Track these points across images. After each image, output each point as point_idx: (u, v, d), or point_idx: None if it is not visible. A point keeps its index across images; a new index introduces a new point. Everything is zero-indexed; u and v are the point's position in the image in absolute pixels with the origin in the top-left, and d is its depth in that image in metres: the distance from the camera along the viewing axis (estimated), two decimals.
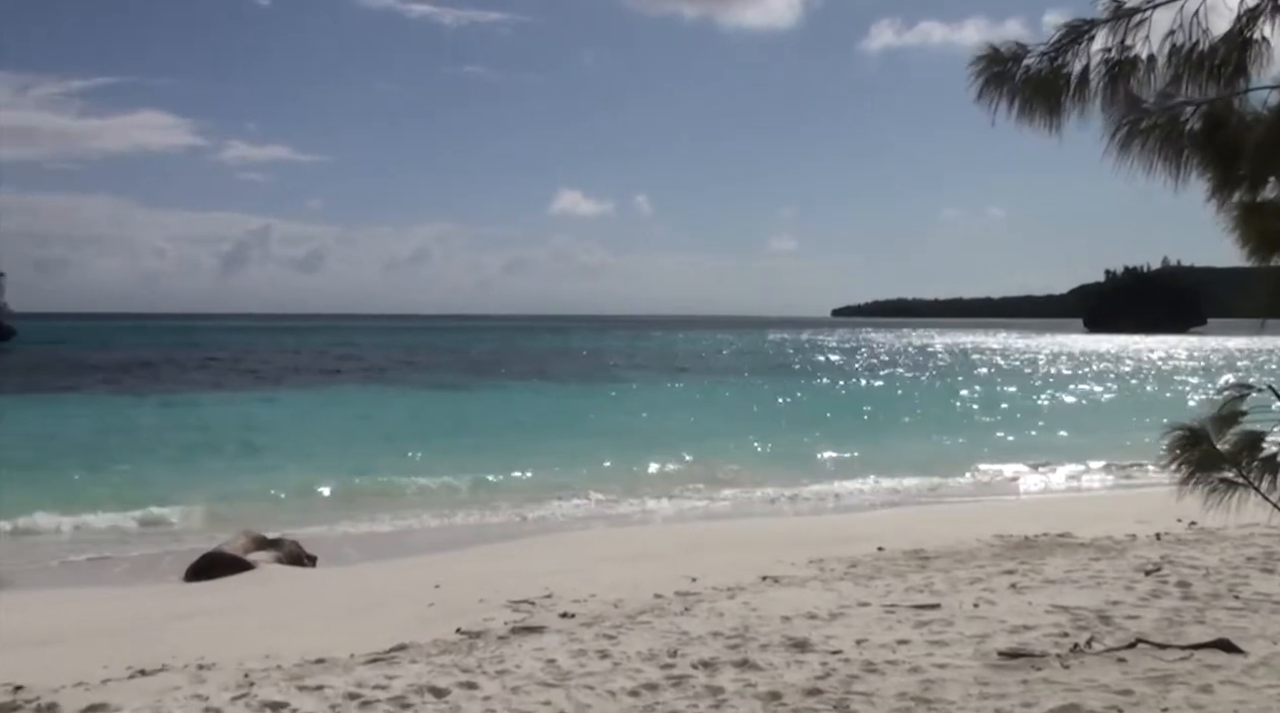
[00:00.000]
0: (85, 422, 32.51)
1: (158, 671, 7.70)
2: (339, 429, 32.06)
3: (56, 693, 7.09)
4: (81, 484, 20.25)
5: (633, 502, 19.76)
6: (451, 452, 25.52)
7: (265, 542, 13.60)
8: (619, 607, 9.42)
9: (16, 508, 17.03)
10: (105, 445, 26.69)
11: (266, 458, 24.79)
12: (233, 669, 7.64)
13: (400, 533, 16.94)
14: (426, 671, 7.21)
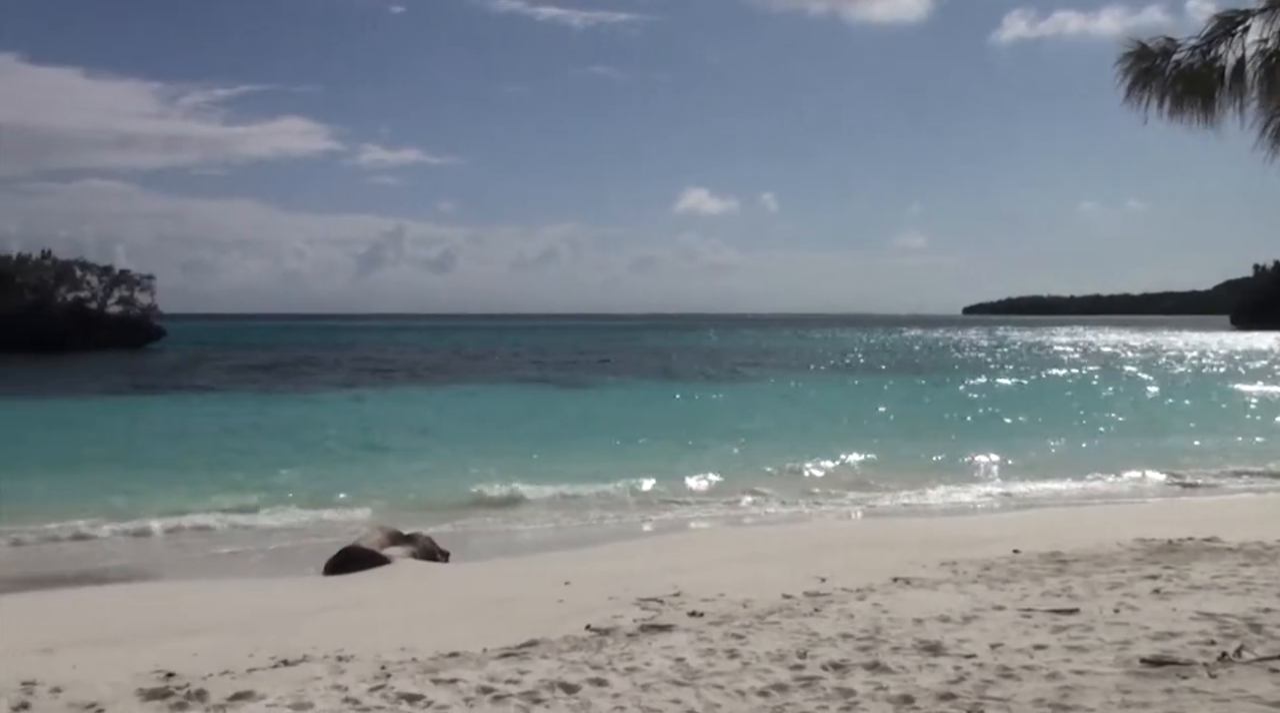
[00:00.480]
0: (226, 419, 33.72)
1: (299, 661, 7.93)
2: (470, 426, 32.66)
3: (205, 681, 7.35)
4: (222, 480, 20.99)
5: (760, 501, 19.69)
6: (579, 450, 25.77)
7: (400, 537, 13.91)
8: (747, 607, 9.39)
9: (163, 503, 17.76)
10: (244, 443, 27.65)
11: (399, 455, 25.38)
12: (370, 661, 7.82)
13: (530, 530, 17.19)
14: (557, 667, 7.29)
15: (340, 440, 28.36)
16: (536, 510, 18.48)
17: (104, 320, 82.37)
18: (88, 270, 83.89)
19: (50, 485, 19.81)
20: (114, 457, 24.60)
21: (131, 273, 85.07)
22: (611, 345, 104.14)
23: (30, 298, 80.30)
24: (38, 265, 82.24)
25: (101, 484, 19.94)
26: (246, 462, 23.88)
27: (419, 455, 25.00)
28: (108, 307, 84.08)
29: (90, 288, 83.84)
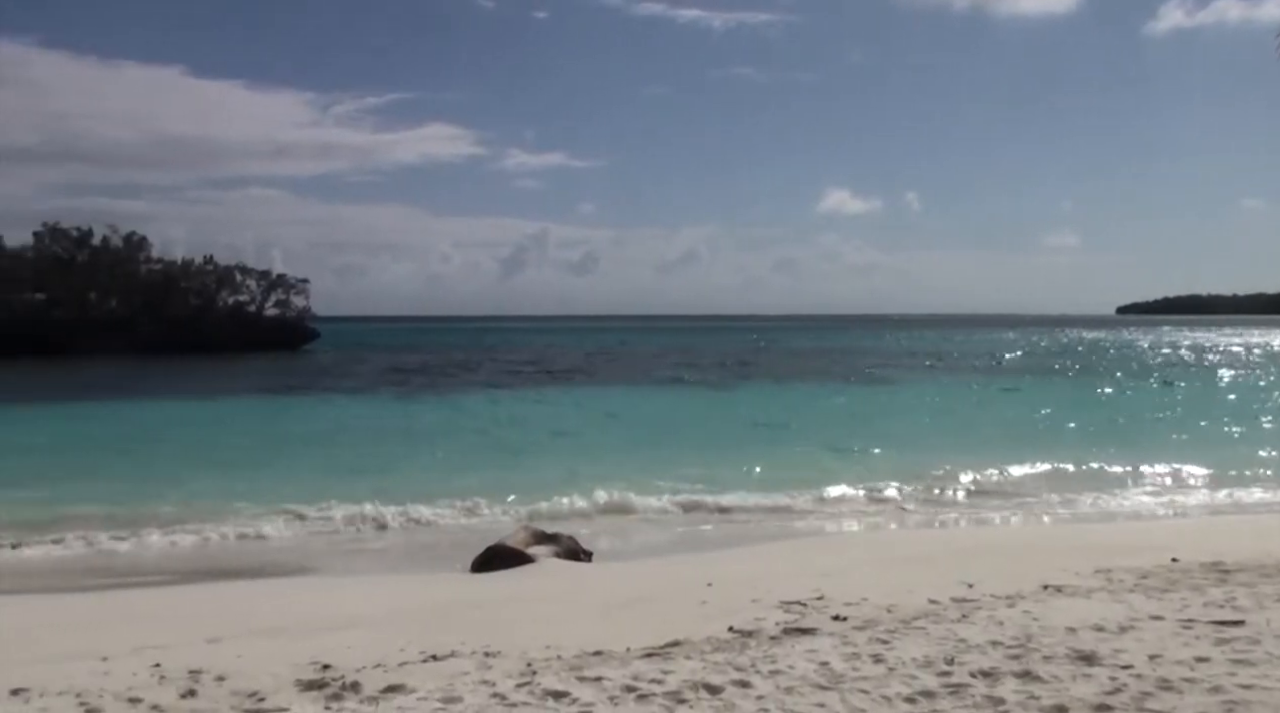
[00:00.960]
0: (375, 420, 34.71)
1: (448, 656, 8.10)
2: (611, 428, 32.94)
3: (359, 673, 7.58)
4: (370, 478, 21.58)
5: (903, 504, 19.39)
6: (718, 451, 25.76)
7: (544, 536, 14.11)
8: (892, 611, 9.26)
9: (316, 500, 18.34)
10: (392, 442, 28.41)
11: (542, 455, 25.75)
12: (516, 657, 7.95)
13: (671, 531, 17.25)
14: (701, 667, 7.30)
15: (484, 441, 28.91)
16: (676, 511, 18.54)
17: (262, 323, 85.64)
18: (247, 275, 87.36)
19: (213, 482, 20.68)
20: (270, 455, 25.55)
21: (287, 277, 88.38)
22: (752, 347, 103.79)
23: (194, 303, 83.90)
24: (201, 271, 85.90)
25: (258, 481, 20.77)
26: (394, 460, 24.53)
27: (561, 455, 25.32)
28: (265, 310, 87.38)
29: (249, 292, 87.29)
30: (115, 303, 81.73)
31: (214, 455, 25.35)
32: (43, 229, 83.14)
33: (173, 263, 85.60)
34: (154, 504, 18.34)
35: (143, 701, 7.16)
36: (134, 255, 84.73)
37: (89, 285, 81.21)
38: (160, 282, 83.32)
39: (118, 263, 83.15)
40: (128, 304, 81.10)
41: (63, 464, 23.44)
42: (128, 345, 74.22)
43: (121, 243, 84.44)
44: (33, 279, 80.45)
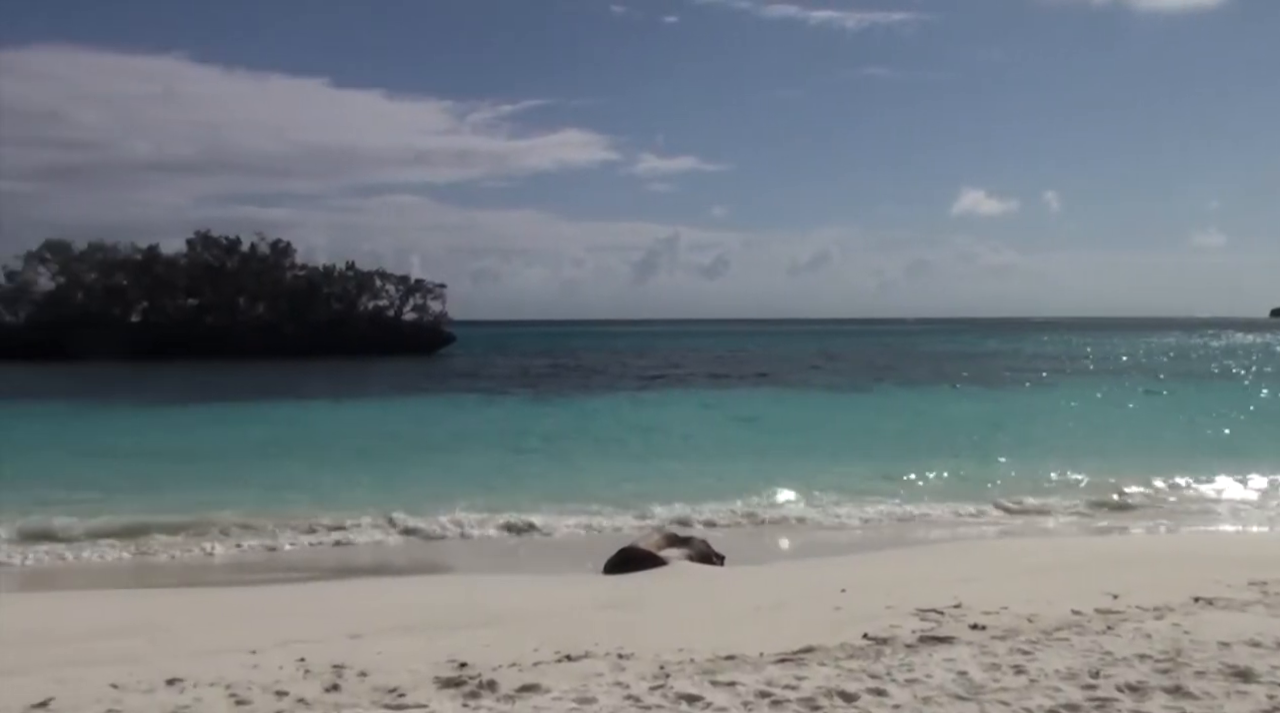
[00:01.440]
0: (509, 421, 35.19)
1: (582, 657, 8.17)
2: (744, 431, 32.82)
3: (495, 671, 7.69)
4: (503, 479, 21.91)
5: (1045, 511, 18.90)
6: (852, 455, 25.47)
7: (676, 539, 14.12)
8: (1033, 621, 9.02)
9: (449, 500, 18.69)
10: (520, 443, 28.75)
11: (674, 458, 25.79)
12: (649, 660, 7.97)
13: (803, 535, 17.12)
14: (835, 674, 7.23)
15: (613, 444, 29.07)
16: (809, 515, 18.37)
17: (400, 327, 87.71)
18: (386, 280, 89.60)
19: (357, 481, 21.26)
20: (407, 456, 26.15)
21: (425, 282, 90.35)
22: (885, 350, 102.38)
23: (336, 307, 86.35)
24: (342, 276, 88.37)
25: (396, 480, 21.26)
26: (523, 463, 24.87)
27: (692, 460, 25.34)
28: (404, 314, 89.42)
29: (388, 297, 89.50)
30: (262, 308, 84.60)
31: (352, 455, 26.05)
32: (195, 237, 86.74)
33: (316, 269, 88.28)
34: (292, 503, 18.90)
35: (289, 693, 7.38)
36: (280, 261, 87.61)
37: (238, 291, 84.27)
38: (304, 287, 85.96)
39: (265, 269, 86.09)
40: (274, 309, 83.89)
41: (209, 465, 24.33)
42: (273, 348, 76.85)
43: (268, 249, 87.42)
44: (186, 285, 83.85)
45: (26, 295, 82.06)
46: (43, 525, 16.73)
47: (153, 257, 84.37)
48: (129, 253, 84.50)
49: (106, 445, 27.82)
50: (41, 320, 79.86)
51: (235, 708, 7.08)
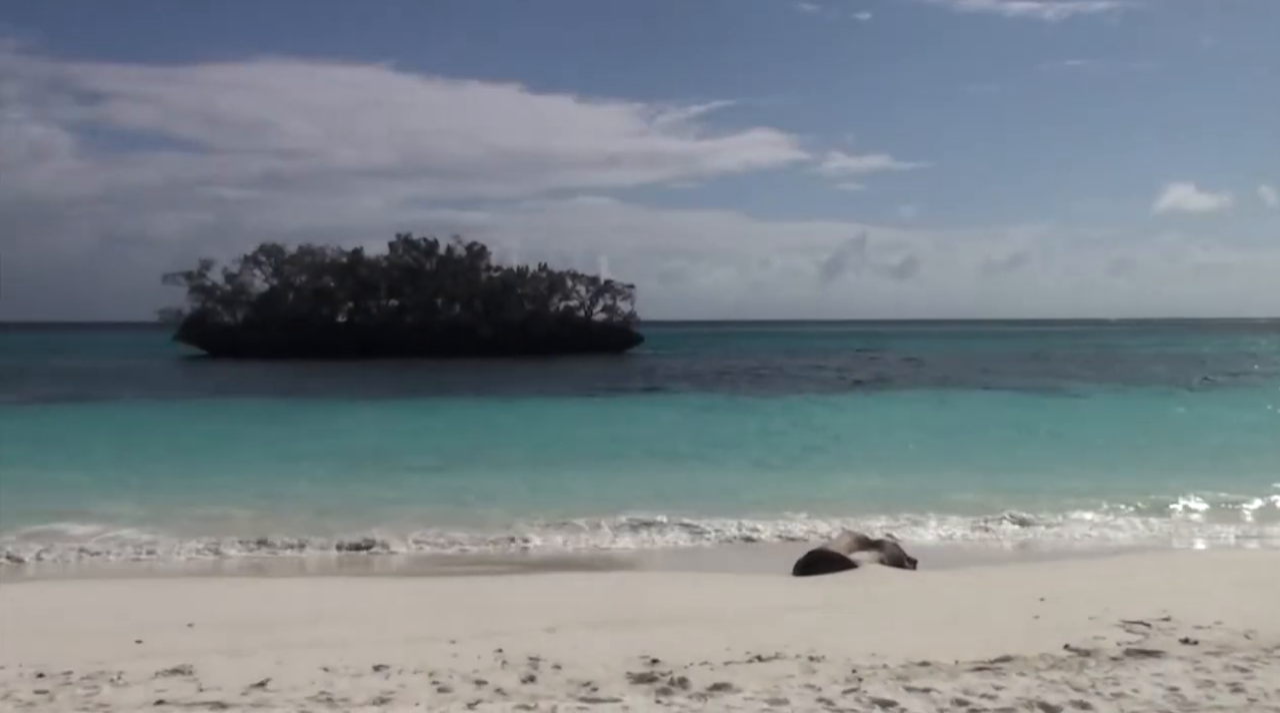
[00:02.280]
0: (701, 420, 35.33)
1: (772, 658, 8.16)
2: (937, 434, 32.11)
3: (686, 669, 7.76)
4: (695, 477, 22.01)
5: (1262, 521, 17.88)
6: (1050, 459, 24.64)
7: (867, 542, 13.94)
8: (1250, 638, 8.56)
9: (635, 501, 18.88)
10: (708, 443, 28.79)
11: (863, 458, 25.46)
12: (840, 664, 7.91)
13: (997, 541, 16.64)
14: (1035, 685, 7.02)
15: (805, 442, 28.86)
16: (1003, 521, 17.81)
17: (590, 327, 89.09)
18: (577, 281, 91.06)
19: (560, 478, 21.74)
20: (598, 452, 26.54)
21: (615, 283, 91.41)
22: (1086, 352, 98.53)
23: (528, 307, 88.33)
24: (535, 277, 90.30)
25: (580, 477, 21.62)
26: (713, 460, 24.93)
27: (884, 460, 24.96)
28: (594, 314, 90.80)
29: (579, 297, 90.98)
30: (458, 308, 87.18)
31: (549, 452, 26.61)
32: (396, 240, 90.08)
33: (510, 270, 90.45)
34: (491, 500, 19.44)
35: (487, 683, 7.61)
36: (475, 263, 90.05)
37: (436, 291, 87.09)
38: (498, 288, 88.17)
39: (461, 270, 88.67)
40: (470, 309, 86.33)
41: (408, 460, 25.20)
42: (468, 347, 79.15)
43: (465, 252, 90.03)
44: (388, 286, 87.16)
45: (243, 297, 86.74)
46: (262, 519, 17.69)
47: (357, 259, 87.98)
48: (336, 256, 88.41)
49: (318, 439, 29.17)
50: (256, 320, 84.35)
51: (437, 696, 7.34)
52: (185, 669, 8.00)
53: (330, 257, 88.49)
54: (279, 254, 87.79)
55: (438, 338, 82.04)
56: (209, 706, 7.08)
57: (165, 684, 7.64)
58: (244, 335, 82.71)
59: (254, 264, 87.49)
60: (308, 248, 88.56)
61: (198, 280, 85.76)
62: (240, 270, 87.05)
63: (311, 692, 7.44)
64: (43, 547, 15.27)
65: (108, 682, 7.70)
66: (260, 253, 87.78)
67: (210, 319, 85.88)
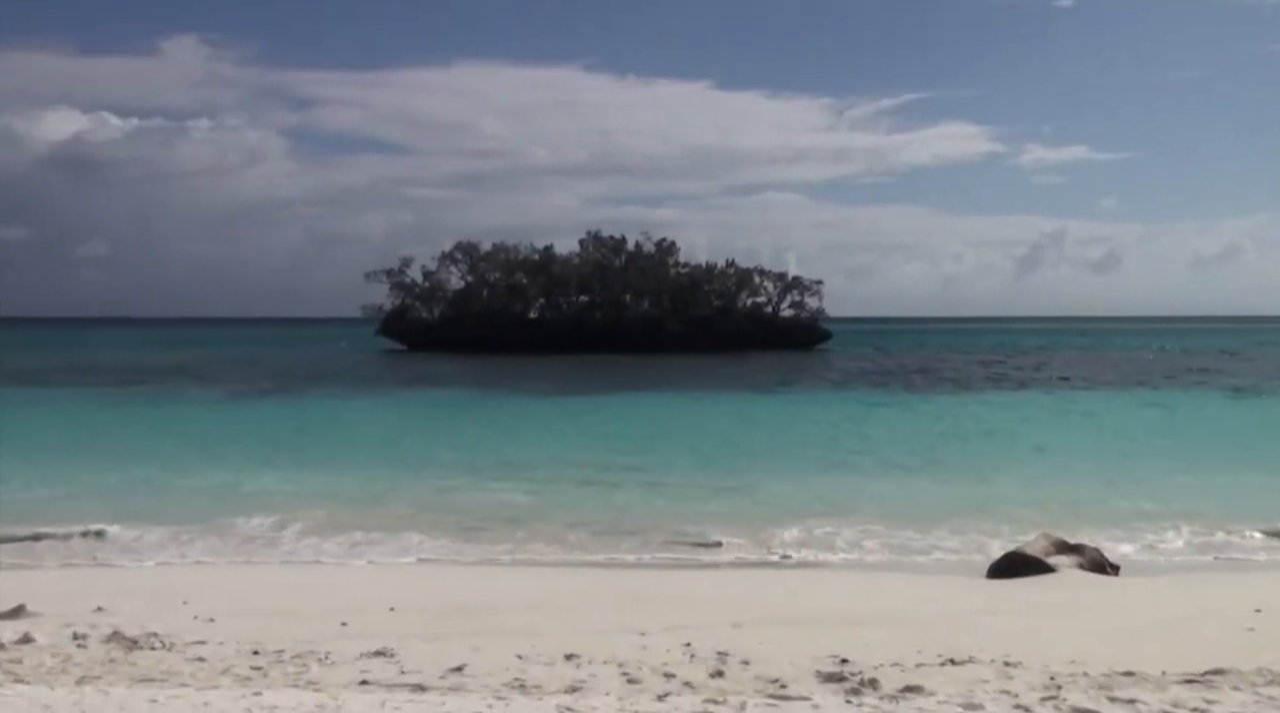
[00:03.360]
0: (905, 419, 34.73)
1: (966, 662, 7.97)
2: (1143, 437, 30.73)
3: (876, 670, 7.65)
4: (887, 475, 21.65)
5: None
6: (1262, 465, 23.29)
7: (1066, 546, 13.47)
8: None
9: (817, 503, 18.68)
10: (890, 442, 28.24)
11: (1061, 460, 24.61)
12: (1037, 670, 7.67)
13: (1211, 548, 15.79)
14: (1252, 701, 6.65)
15: (1000, 444, 28.06)
16: (1211, 528, 16.86)
17: (777, 323, 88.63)
18: (765, 277, 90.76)
19: (740, 478, 21.75)
20: (782, 453, 26.38)
21: (802, 279, 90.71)
22: None
23: (716, 303, 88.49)
24: (722, 273, 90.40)
25: (765, 478, 21.53)
26: (910, 459, 24.49)
27: (1082, 462, 24.04)
28: (781, 311, 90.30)
29: (766, 293, 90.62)
30: (647, 304, 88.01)
31: (739, 448, 26.63)
32: (587, 237, 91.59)
33: (697, 266, 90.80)
34: (680, 497, 19.57)
35: (676, 676, 7.67)
36: (664, 260, 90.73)
37: (625, 288, 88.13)
38: (687, 284, 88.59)
39: (650, 267, 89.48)
40: (658, 305, 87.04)
41: (611, 452, 25.57)
42: (656, 344, 79.82)
43: (653, 248, 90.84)
44: (578, 283, 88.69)
45: (440, 293, 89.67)
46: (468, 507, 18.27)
47: (549, 256, 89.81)
48: (528, 253, 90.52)
49: (510, 434, 29.92)
50: (451, 316, 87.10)
51: (627, 687, 7.44)
52: (387, 652, 8.33)
53: (523, 254, 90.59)
54: (474, 252, 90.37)
55: (626, 334, 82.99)
56: (409, 687, 7.35)
57: (369, 665, 7.98)
58: (440, 330, 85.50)
59: (450, 262, 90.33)
60: (501, 246, 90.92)
61: (398, 277, 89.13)
62: (437, 268, 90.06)
63: (505, 678, 7.64)
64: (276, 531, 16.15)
65: (316, 660, 8.09)
66: (456, 251, 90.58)
67: (409, 315, 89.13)
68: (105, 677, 7.59)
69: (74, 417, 34.30)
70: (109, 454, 24.39)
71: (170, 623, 9.38)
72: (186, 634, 8.96)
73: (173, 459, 23.44)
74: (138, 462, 22.85)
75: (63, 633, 8.87)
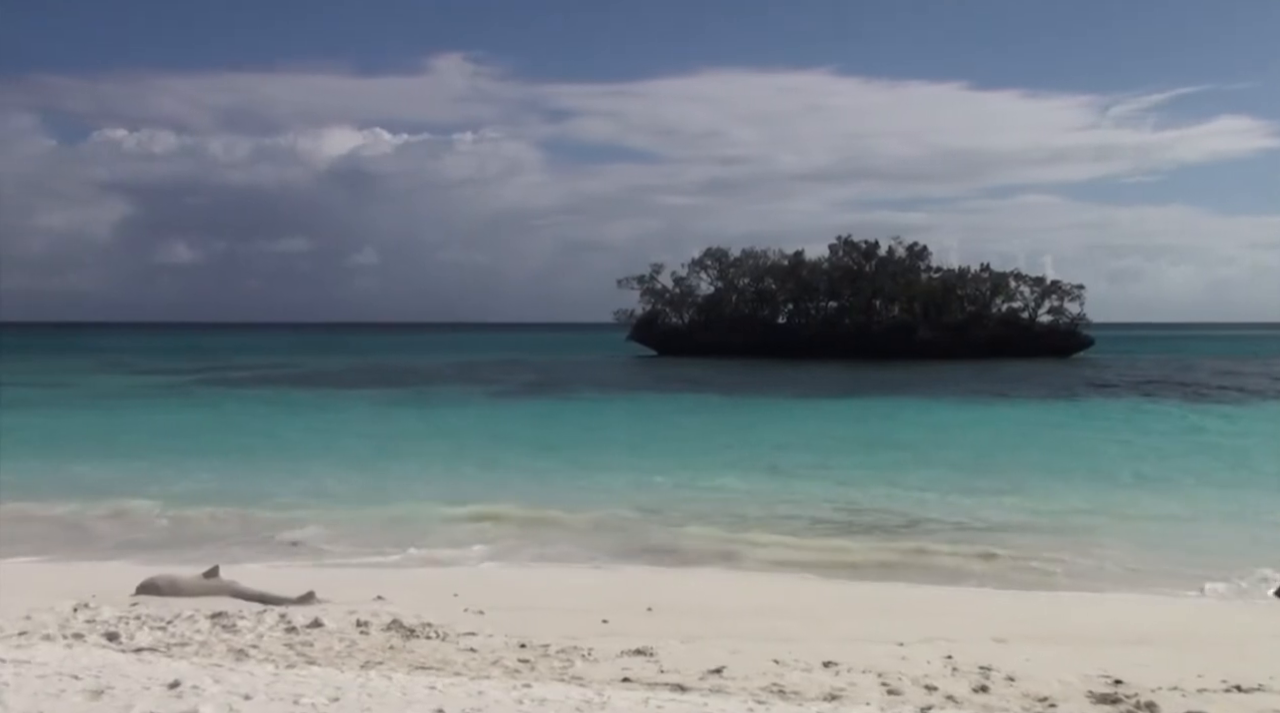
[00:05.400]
0: (1146, 430, 32.87)
1: (1254, 689, 7.51)
2: None
3: (1154, 693, 7.30)
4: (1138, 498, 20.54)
5: None
6: None
7: None
8: None
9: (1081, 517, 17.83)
10: (1158, 458, 26.60)
11: None
12: None
13: None
14: None
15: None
16: None
17: (1034, 329, 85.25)
18: (1021, 281, 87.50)
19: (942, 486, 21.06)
20: (1038, 464, 25.31)
21: (1061, 283, 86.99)
22: None
23: (969, 309, 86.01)
24: (976, 278, 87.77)
25: (1025, 491, 20.73)
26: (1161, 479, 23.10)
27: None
28: (1038, 316, 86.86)
29: (1023, 298, 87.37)
30: (898, 310, 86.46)
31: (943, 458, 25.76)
32: (837, 242, 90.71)
33: (950, 271, 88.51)
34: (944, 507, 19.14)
35: (938, 689, 7.53)
36: (915, 264, 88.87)
37: (875, 293, 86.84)
38: (938, 289, 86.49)
39: (901, 272, 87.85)
40: (909, 310, 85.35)
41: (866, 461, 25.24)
42: (906, 350, 78.22)
43: (904, 253, 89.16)
44: (827, 288, 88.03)
45: (690, 299, 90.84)
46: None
47: (798, 262, 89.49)
48: (777, 259, 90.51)
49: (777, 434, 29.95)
50: (701, 321, 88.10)
51: (887, 697, 7.36)
52: (647, 651, 8.51)
53: (772, 259, 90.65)
54: (723, 258, 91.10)
55: (876, 339, 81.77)
56: (670, 687, 7.49)
57: (630, 663, 8.17)
58: (690, 335, 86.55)
59: (700, 268, 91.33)
60: (751, 251, 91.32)
61: (649, 284, 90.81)
62: (687, 274, 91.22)
63: (763, 682, 7.68)
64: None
65: (579, 656, 8.35)
66: (706, 257, 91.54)
67: (660, 320, 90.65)
68: (387, 663, 8.07)
69: (389, 422, 35.39)
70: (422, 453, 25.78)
71: (443, 614, 9.86)
72: (458, 626, 9.41)
73: (489, 458, 24.76)
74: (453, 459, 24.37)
75: (347, 619, 9.47)
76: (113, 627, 8.94)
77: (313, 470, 22.22)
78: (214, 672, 6.93)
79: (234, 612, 9.61)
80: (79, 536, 16.15)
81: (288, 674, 7.04)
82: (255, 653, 8.20)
